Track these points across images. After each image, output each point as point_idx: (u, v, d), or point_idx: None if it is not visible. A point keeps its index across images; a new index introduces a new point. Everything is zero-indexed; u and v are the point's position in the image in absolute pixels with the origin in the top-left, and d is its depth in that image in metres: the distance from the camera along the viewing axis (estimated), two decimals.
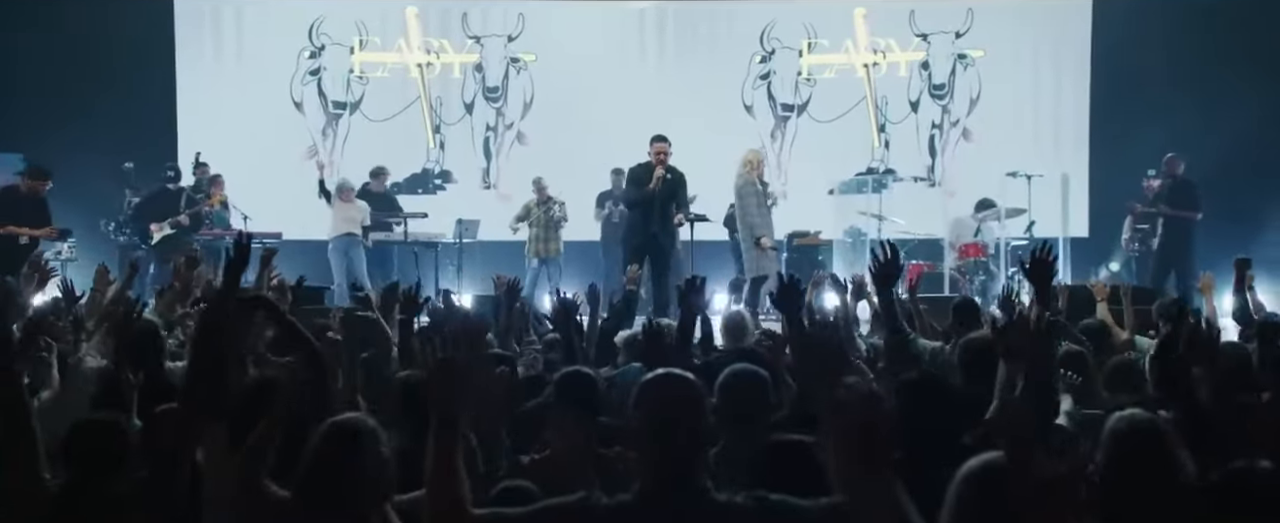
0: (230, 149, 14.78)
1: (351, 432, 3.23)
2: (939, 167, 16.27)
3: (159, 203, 13.20)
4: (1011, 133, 16.04)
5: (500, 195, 16.08)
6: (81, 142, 14.27)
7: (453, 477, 2.75)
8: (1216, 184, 14.32)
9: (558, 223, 14.25)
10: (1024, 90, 16.24)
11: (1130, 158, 14.79)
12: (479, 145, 16.38)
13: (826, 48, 16.34)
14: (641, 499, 2.70)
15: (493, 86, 16.36)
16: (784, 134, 16.38)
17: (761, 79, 16.40)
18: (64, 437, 3.65)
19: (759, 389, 3.95)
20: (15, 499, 3.27)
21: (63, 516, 3.34)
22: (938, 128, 16.41)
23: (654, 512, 2.68)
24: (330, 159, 16.04)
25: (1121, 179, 14.90)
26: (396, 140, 16.01)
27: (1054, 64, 16.26)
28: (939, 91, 16.38)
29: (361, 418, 3.38)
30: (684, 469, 2.73)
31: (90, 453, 3.58)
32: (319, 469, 3.17)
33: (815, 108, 16.35)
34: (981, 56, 16.22)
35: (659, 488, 2.71)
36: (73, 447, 3.59)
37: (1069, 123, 16.16)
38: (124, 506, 3.50)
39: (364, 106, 16.22)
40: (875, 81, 16.30)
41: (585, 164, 15.03)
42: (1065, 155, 15.80)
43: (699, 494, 2.71)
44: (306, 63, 16.14)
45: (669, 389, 2.83)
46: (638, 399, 2.80)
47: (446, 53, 16.29)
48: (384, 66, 16.22)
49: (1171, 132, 14.55)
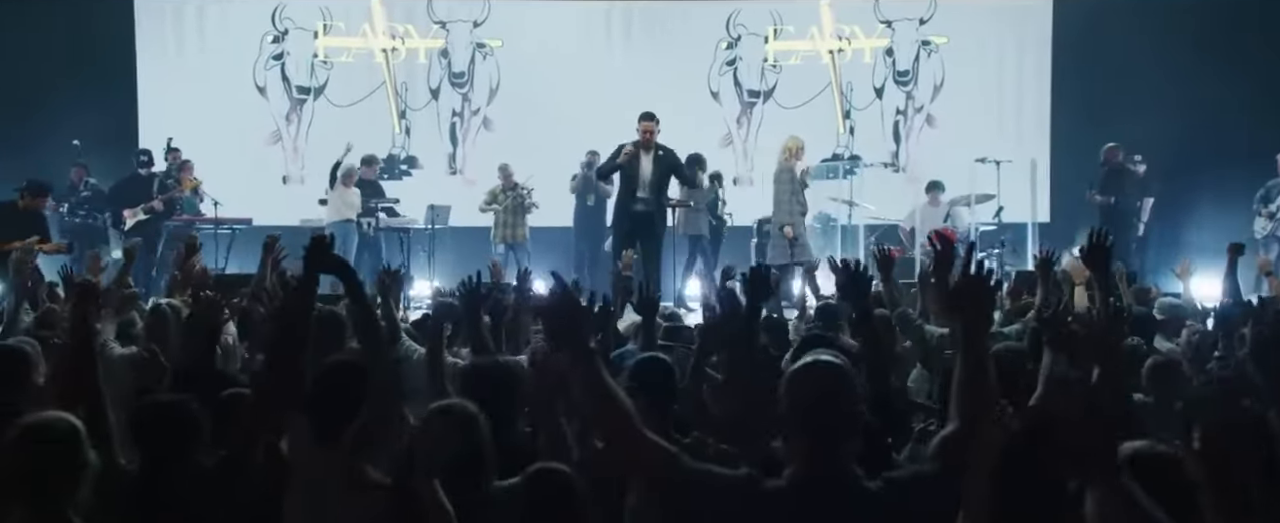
0: (192, 134, 14.59)
1: (466, 417, 3.27)
2: (903, 153, 16.40)
3: (131, 189, 13.03)
4: (975, 119, 16.19)
5: (466, 181, 16.03)
6: (42, 130, 14.09)
7: (614, 398, 2.78)
8: (1175, 169, 14.60)
9: (528, 209, 14.21)
10: (987, 77, 16.40)
11: (1091, 144, 14.96)
12: (445, 131, 16.30)
13: (792, 34, 16.41)
14: (796, 486, 2.72)
15: (459, 72, 16.28)
16: (750, 121, 16.44)
17: (728, 66, 16.45)
18: (133, 418, 3.60)
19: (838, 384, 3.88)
20: (94, 483, 3.23)
21: (140, 498, 3.30)
22: (902, 114, 16.54)
23: (808, 498, 2.70)
24: (294, 145, 15.90)
25: (1083, 165, 15.07)
26: (361, 126, 15.84)
27: (1016, 51, 16.43)
28: (903, 78, 16.51)
29: (466, 404, 3.41)
30: (835, 457, 2.75)
31: (162, 435, 3.52)
32: (428, 454, 3.18)
33: (781, 94, 16.43)
34: (945, 43, 16.35)
35: (811, 475, 2.73)
36: (143, 428, 3.53)
37: (1031, 109, 16.34)
38: (199, 488, 3.46)
39: (328, 92, 16.09)
40: (840, 68, 16.37)
41: (552, 150, 14.99)
42: (1027, 142, 15.96)
43: (851, 482, 2.73)
44: (269, 47, 15.98)
45: (819, 377, 2.84)
46: (788, 387, 2.81)
47: (412, 38, 16.18)
48: (348, 51, 16.09)
49: (1132, 118, 14.79)
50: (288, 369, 3.58)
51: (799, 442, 2.77)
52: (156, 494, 3.40)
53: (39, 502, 2.99)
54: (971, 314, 2.90)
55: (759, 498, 2.70)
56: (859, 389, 2.93)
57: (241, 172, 14.98)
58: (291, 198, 15.27)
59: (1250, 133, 13.73)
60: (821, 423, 2.74)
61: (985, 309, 2.95)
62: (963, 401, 2.84)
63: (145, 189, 13.04)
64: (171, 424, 3.53)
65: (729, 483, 2.73)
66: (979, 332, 2.90)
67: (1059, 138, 16.03)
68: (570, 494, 3.24)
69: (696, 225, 13.67)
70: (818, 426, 2.75)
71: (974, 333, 2.88)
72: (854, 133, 16.14)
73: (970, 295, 2.93)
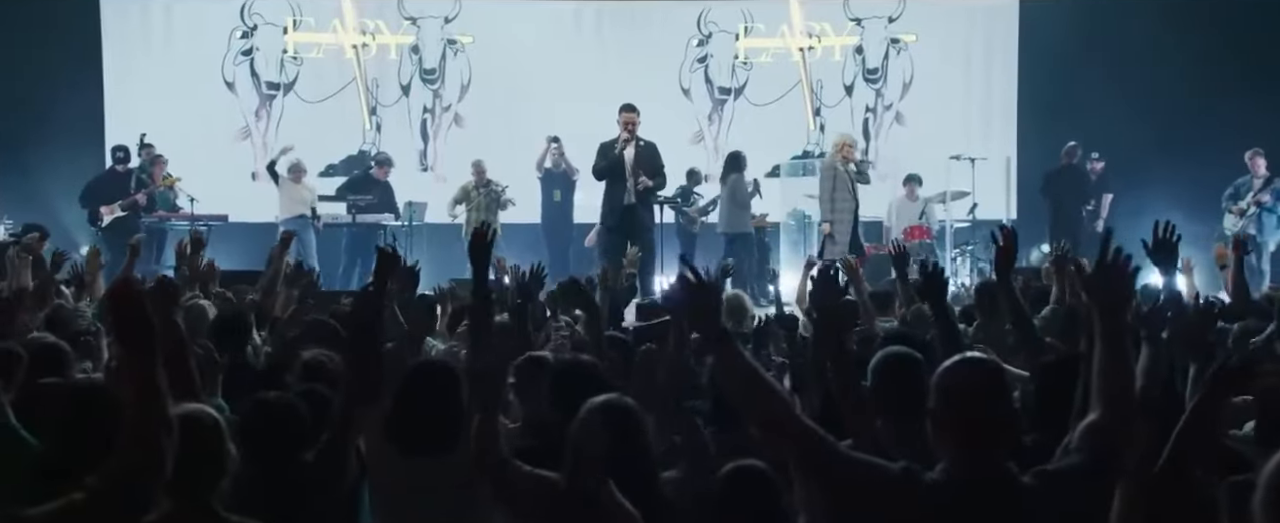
0: (161, 130, 14.45)
1: (624, 411, 3.29)
2: (873, 150, 16.50)
3: (108, 185, 12.87)
4: (943, 116, 16.33)
5: (437, 178, 15.96)
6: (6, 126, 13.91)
7: (768, 384, 2.77)
8: (1140, 166, 14.80)
9: (503, 205, 14.18)
10: (955, 75, 16.54)
11: (1058, 143, 15.17)
12: (416, 128, 16.22)
13: (763, 32, 16.48)
14: (953, 482, 2.72)
15: (430, 69, 16.21)
16: (721, 117, 16.49)
17: (698, 62, 16.49)
18: (243, 419, 3.60)
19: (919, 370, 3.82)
20: None
21: (249, 498, 3.29)
22: (871, 112, 16.65)
23: (966, 494, 2.70)
24: (264, 141, 15.77)
25: (1050, 164, 15.26)
26: (332, 122, 15.80)
27: (984, 49, 16.58)
28: (872, 76, 16.63)
29: (624, 398, 3.45)
30: (992, 454, 2.75)
31: (273, 436, 3.54)
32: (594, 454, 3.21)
33: (752, 91, 16.48)
34: (914, 42, 16.48)
35: (969, 471, 2.73)
36: (254, 429, 3.54)
37: (998, 107, 16.49)
38: (303, 488, 3.48)
39: (298, 88, 15.95)
40: (810, 66, 16.48)
41: (524, 147, 14.96)
42: (995, 140, 16.13)
43: (1007, 478, 2.74)
44: (238, 43, 15.82)
45: (975, 374, 2.84)
46: (943, 384, 2.81)
47: (382, 34, 16.08)
48: (318, 47, 15.97)
49: (1097, 115, 15.03)
50: (365, 372, 3.64)
51: (953, 438, 2.75)
52: (264, 495, 3.40)
53: (188, 493, 2.99)
54: (1108, 299, 2.95)
55: (919, 492, 2.69)
56: (1013, 386, 2.96)
57: (210, 168, 14.80)
58: (261, 195, 15.11)
59: (1220, 132, 13.92)
60: (979, 419, 2.74)
61: (1123, 293, 2.99)
62: (1103, 386, 2.87)
63: (123, 185, 12.88)
64: (281, 426, 3.56)
65: (890, 476, 2.71)
66: (1115, 317, 2.93)
67: (1026, 136, 16.21)
68: (773, 492, 3.22)
69: (740, 222, 13.60)
70: (975, 422, 2.74)
71: (1110, 319, 2.92)
72: (824, 130, 16.30)
73: (1108, 281, 2.97)
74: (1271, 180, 13.13)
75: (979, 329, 6.43)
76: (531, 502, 3.38)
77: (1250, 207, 12.98)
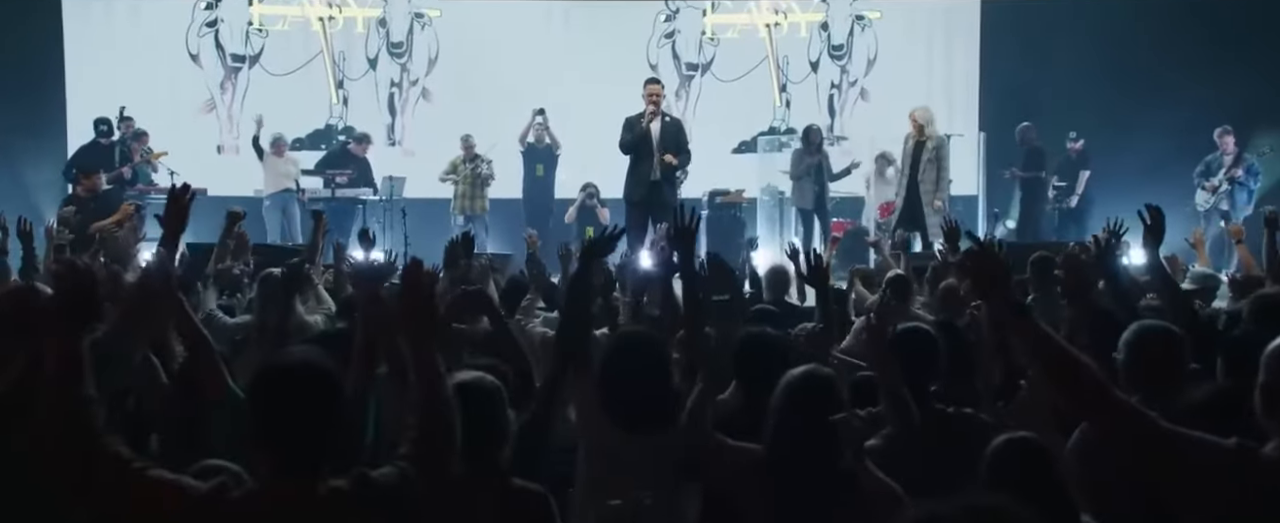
0: (123, 102, 14.13)
1: (826, 381, 3.34)
2: (838, 126, 16.66)
3: (92, 157, 12.60)
4: (907, 93, 16.44)
5: (405, 152, 15.86)
6: None
7: (1075, 356, 2.69)
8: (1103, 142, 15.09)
9: (485, 180, 14.13)
10: (919, 52, 16.73)
11: (1018, 120, 15.40)
12: (383, 102, 16.09)
13: (729, 8, 16.57)
14: None
15: (397, 42, 16.07)
16: (688, 93, 16.54)
17: (666, 38, 16.52)
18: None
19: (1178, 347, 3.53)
20: None
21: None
22: (836, 87, 16.80)
23: None
24: (230, 113, 15.54)
25: (1010, 141, 15.49)
26: (298, 95, 15.62)
27: (946, 26, 16.78)
28: (838, 52, 16.77)
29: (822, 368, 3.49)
30: None
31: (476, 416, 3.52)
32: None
33: (718, 67, 16.56)
34: (878, 19, 16.64)
35: None
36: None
37: (961, 83, 16.71)
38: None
39: (264, 60, 15.74)
40: (777, 42, 16.59)
41: (492, 121, 14.87)
42: (958, 116, 16.32)
43: None
44: (202, 14, 15.57)
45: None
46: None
47: (349, 6, 15.91)
48: (284, 19, 15.76)
49: (1058, 93, 15.30)
50: (579, 336, 3.78)
51: None
52: None
53: (476, 459, 3.00)
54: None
55: (1256, 469, 2.55)
56: None
57: (176, 141, 14.50)
58: (227, 167, 14.92)
59: (1190, 109, 14.17)
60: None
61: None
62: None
63: (107, 158, 12.64)
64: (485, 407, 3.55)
65: (1222, 451, 2.58)
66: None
67: (987, 113, 16.44)
68: (1049, 464, 3.10)
69: (807, 197, 13.56)
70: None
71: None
72: (790, 106, 16.43)
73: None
74: (1242, 156, 13.45)
75: (1034, 302, 6.56)
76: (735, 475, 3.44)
77: (1223, 183, 13.28)
